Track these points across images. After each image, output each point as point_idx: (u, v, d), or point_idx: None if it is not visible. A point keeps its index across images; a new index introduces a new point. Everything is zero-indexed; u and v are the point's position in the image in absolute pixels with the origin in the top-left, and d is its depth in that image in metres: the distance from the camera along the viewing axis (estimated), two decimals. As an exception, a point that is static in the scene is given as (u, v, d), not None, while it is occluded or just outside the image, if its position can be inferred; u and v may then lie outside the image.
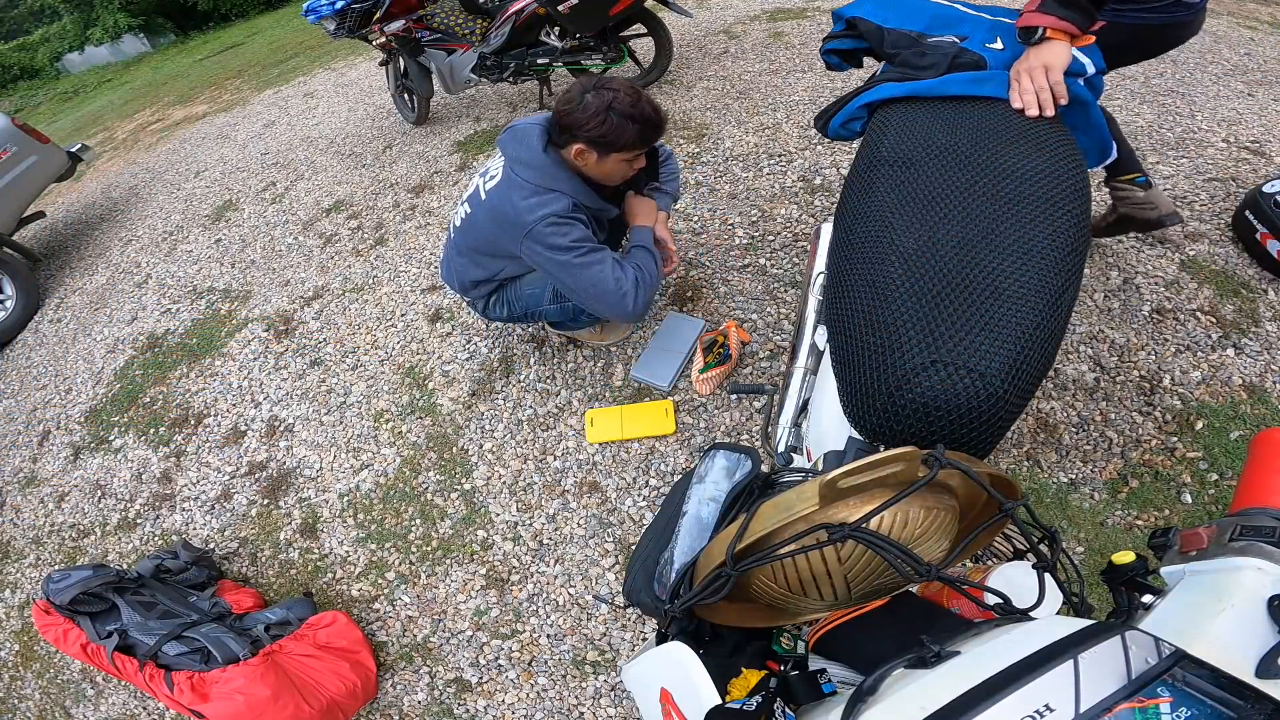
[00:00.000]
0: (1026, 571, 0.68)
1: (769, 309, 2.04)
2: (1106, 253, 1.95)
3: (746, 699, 0.51)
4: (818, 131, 1.25)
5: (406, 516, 1.85)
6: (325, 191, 3.56)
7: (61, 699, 1.82)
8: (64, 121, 9.42)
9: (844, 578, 0.58)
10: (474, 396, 2.08)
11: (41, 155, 3.69)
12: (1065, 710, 0.35)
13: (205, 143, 5.09)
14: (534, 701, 1.47)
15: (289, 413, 2.27)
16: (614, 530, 1.67)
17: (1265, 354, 1.62)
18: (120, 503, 2.22)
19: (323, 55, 6.54)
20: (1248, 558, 0.48)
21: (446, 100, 4.09)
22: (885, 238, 0.80)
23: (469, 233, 1.68)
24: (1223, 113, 2.42)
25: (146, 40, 16.20)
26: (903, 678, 0.44)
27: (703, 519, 0.73)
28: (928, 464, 0.54)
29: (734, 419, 1.81)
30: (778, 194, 2.46)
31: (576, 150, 1.49)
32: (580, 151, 1.49)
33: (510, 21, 3.06)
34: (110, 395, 2.67)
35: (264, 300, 2.85)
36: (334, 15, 3.23)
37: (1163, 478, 1.47)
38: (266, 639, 1.52)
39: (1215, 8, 3.59)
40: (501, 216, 1.55)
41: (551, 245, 1.50)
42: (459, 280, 1.79)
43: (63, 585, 1.57)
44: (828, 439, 0.95)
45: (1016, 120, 0.91)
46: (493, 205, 1.57)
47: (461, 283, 1.79)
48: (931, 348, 0.68)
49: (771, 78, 3.23)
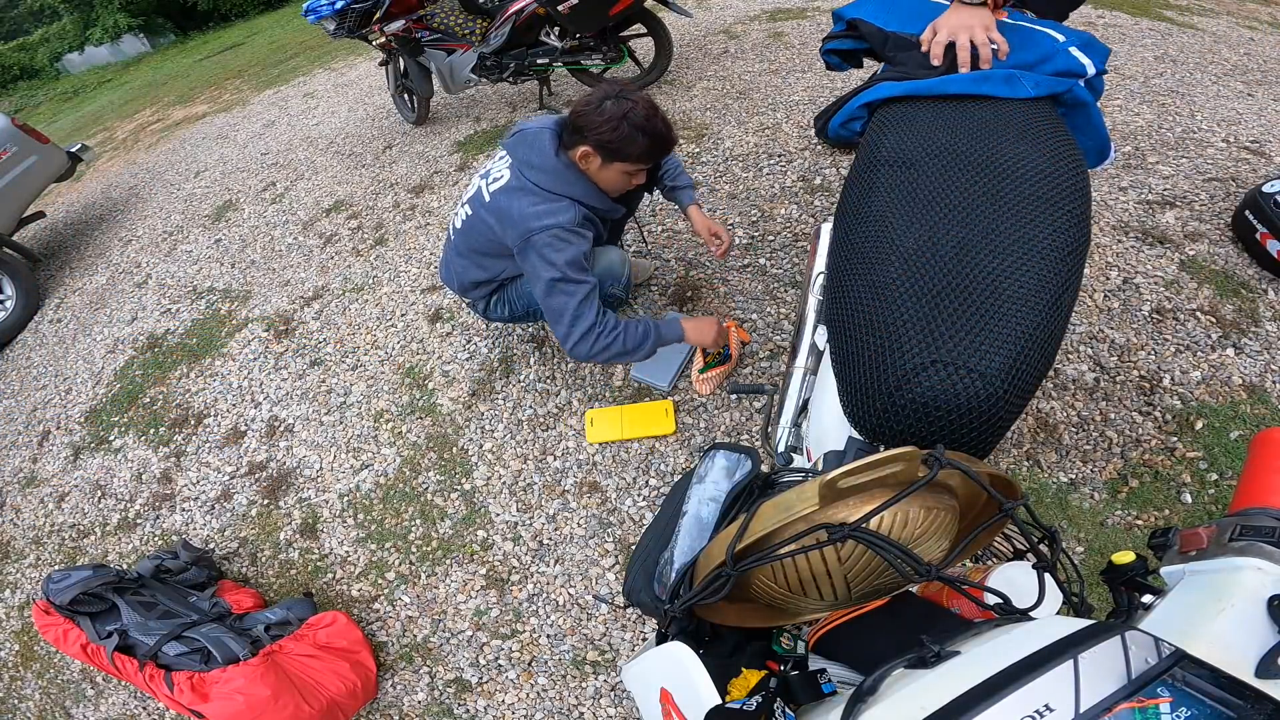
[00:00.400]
0: (1026, 571, 0.69)
1: (769, 309, 2.04)
2: (1106, 253, 1.95)
3: (746, 699, 0.51)
4: (816, 135, 1.25)
5: (406, 517, 1.85)
6: (325, 191, 3.56)
7: (62, 699, 1.82)
8: (64, 121, 9.42)
9: (844, 578, 0.58)
10: (474, 396, 2.08)
11: (41, 155, 3.69)
12: (1065, 710, 0.35)
13: (205, 143, 5.09)
14: (534, 701, 1.47)
15: (289, 413, 2.27)
16: (614, 530, 1.67)
17: (1265, 354, 1.62)
18: (120, 503, 2.22)
19: (323, 55, 6.54)
20: (1248, 558, 0.48)
21: (446, 100, 4.09)
22: (885, 238, 0.80)
23: (470, 234, 1.67)
24: (1223, 113, 2.42)
25: (146, 40, 16.22)
26: (903, 678, 0.44)
27: (703, 519, 0.73)
28: (928, 464, 0.54)
29: (734, 419, 1.80)
30: (778, 194, 2.46)
31: (582, 152, 1.49)
32: (586, 154, 1.49)
33: (510, 21, 3.06)
34: (110, 395, 2.67)
35: (264, 300, 2.85)
36: (334, 15, 3.23)
37: (1163, 478, 1.47)
38: (266, 639, 1.52)
39: (1215, 8, 3.59)
40: (506, 218, 1.54)
41: (544, 257, 1.50)
42: (459, 281, 1.79)
43: (63, 585, 1.57)
44: (828, 439, 0.95)
45: (1017, 120, 0.91)
46: (498, 206, 1.55)
47: (462, 284, 1.79)
48: (931, 348, 0.68)
49: (771, 78, 3.23)
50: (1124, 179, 2.19)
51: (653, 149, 1.49)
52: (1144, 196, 2.11)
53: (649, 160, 1.51)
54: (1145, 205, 2.08)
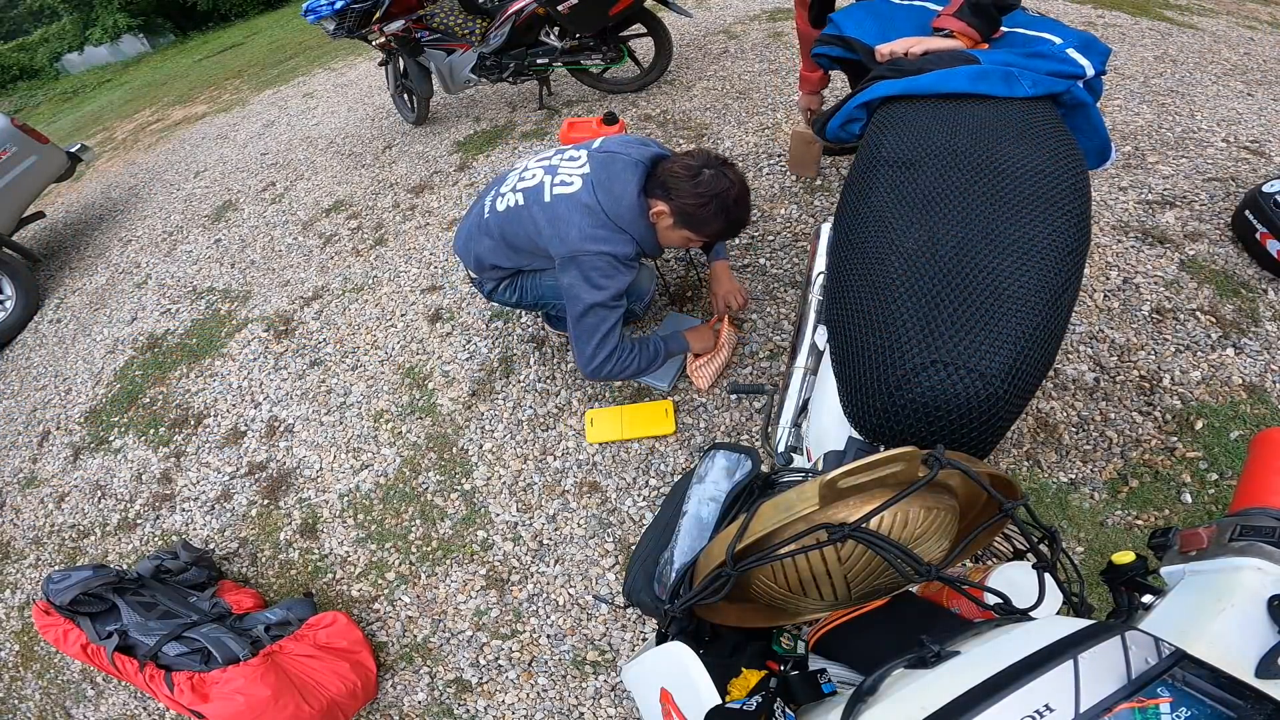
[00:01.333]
0: (1026, 571, 0.69)
1: (769, 309, 2.04)
2: (1106, 253, 1.95)
3: (746, 699, 0.51)
4: (816, 135, 1.26)
5: (406, 517, 1.85)
6: (325, 191, 3.56)
7: (62, 699, 1.82)
8: (64, 121, 9.42)
9: (844, 578, 0.58)
10: (474, 397, 2.08)
11: (41, 155, 3.68)
12: (1065, 710, 0.35)
13: (205, 143, 5.08)
14: (534, 702, 1.47)
15: (289, 413, 2.27)
16: (614, 530, 1.67)
17: (1265, 354, 1.62)
18: (120, 503, 2.22)
19: (322, 55, 6.54)
20: (1248, 558, 0.48)
21: (446, 100, 4.09)
22: (885, 238, 0.80)
23: (512, 222, 1.60)
24: (1222, 112, 2.42)
25: (146, 40, 16.20)
26: (903, 678, 0.44)
27: (703, 519, 0.73)
28: (928, 464, 0.54)
29: (734, 419, 1.81)
30: (778, 194, 2.46)
31: (659, 210, 1.49)
32: (661, 213, 1.49)
33: (510, 21, 3.06)
34: (110, 395, 2.67)
35: (264, 300, 2.85)
36: (333, 15, 3.23)
37: (1163, 478, 1.47)
38: (266, 639, 1.52)
39: (1215, 8, 3.59)
40: (561, 227, 1.50)
41: (589, 279, 1.49)
42: (477, 259, 1.73)
43: (63, 586, 1.57)
44: (828, 439, 0.95)
45: (1016, 119, 0.91)
46: (557, 213, 1.51)
47: (479, 262, 1.73)
48: (931, 347, 0.68)
49: (771, 78, 3.22)
50: (1124, 179, 2.19)
51: (726, 231, 1.50)
52: (1144, 196, 2.11)
53: (718, 239, 1.53)
54: (1145, 205, 2.08)
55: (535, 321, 2.21)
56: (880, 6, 1.30)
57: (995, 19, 1.11)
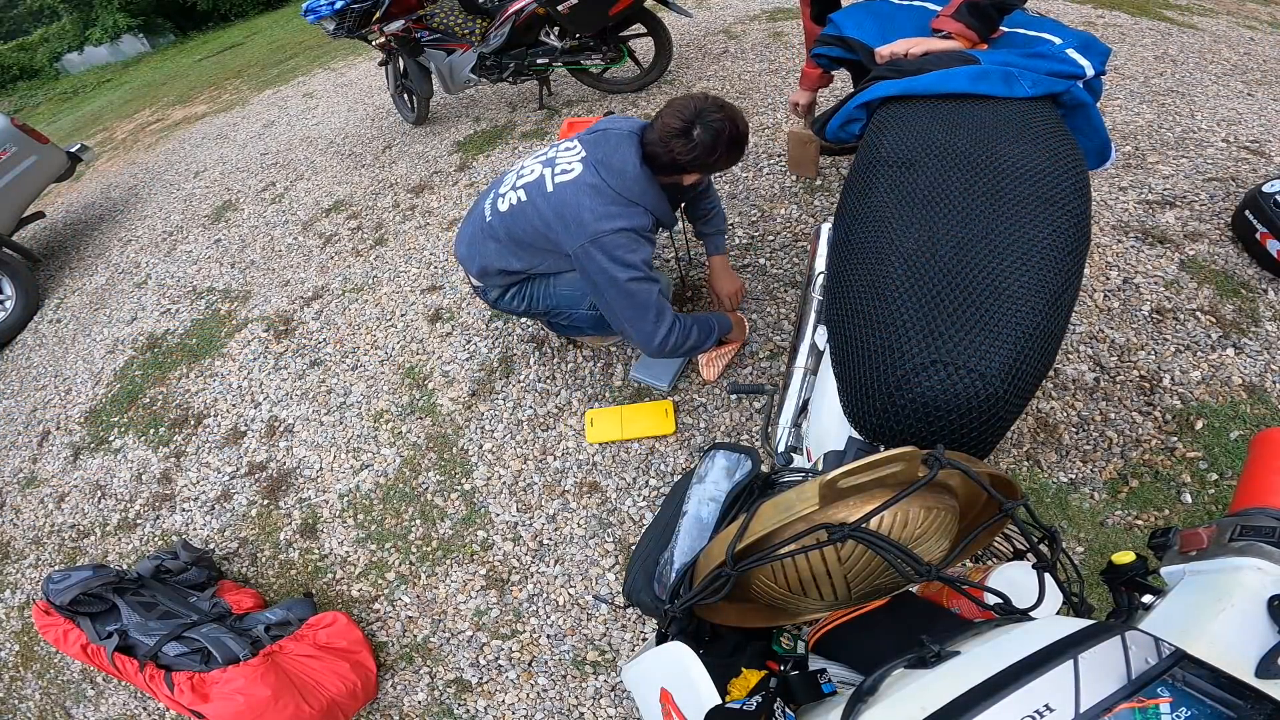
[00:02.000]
0: (1026, 571, 0.69)
1: (769, 309, 2.04)
2: (1106, 253, 1.95)
3: (746, 699, 0.51)
4: (816, 135, 1.26)
5: (406, 517, 1.85)
6: (325, 191, 3.56)
7: (62, 699, 1.82)
8: (63, 121, 9.41)
9: (844, 578, 0.58)
10: (474, 397, 2.08)
11: (41, 155, 3.68)
12: (1065, 710, 0.35)
13: (205, 143, 5.08)
14: (534, 702, 1.47)
15: (289, 413, 2.27)
16: (614, 530, 1.67)
17: (1265, 354, 1.62)
18: (120, 503, 2.22)
19: (322, 55, 6.53)
20: (1248, 558, 0.48)
21: (446, 100, 4.09)
22: (885, 238, 0.80)
23: (516, 220, 1.57)
24: (1222, 112, 2.42)
25: (146, 40, 16.19)
26: (903, 678, 0.44)
27: (703, 519, 0.73)
28: (928, 464, 0.54)
29: (734, 419, 1.81)
30: (777, 194, 2.46)
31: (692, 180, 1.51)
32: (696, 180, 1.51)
33: (510, 21, 3.06)
34: (110, 395, 2.67)
35: (264, 300, 2.85)
36: (333, 15, 3.23)
37: (1163, 478, 1.47)
38: (266, 639, 1.52)
39: (1215, 8, 3.59)
40: (569, 214, 1.47)
41: (615, 259, 1.45)
42: (481, 265, 1.68)
43: (63, 586, 1.57)
44: (828, 439, 0.95)
45: (1016, 119, 0.91)
46: (562, 201, 1.48)
47: (484, 268, 1.68)
48: (931, 348, 0.68)
49: (771, 78, 3.22)
50: (1124, 179, 2.19)
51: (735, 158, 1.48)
52: (1144, 196, 2.11)
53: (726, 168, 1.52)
54: (1145, 205, 2.08)
55: (535, 321, 2.21)
56: (880, 7, 1.30)
57: (993, 19, 1.11)
